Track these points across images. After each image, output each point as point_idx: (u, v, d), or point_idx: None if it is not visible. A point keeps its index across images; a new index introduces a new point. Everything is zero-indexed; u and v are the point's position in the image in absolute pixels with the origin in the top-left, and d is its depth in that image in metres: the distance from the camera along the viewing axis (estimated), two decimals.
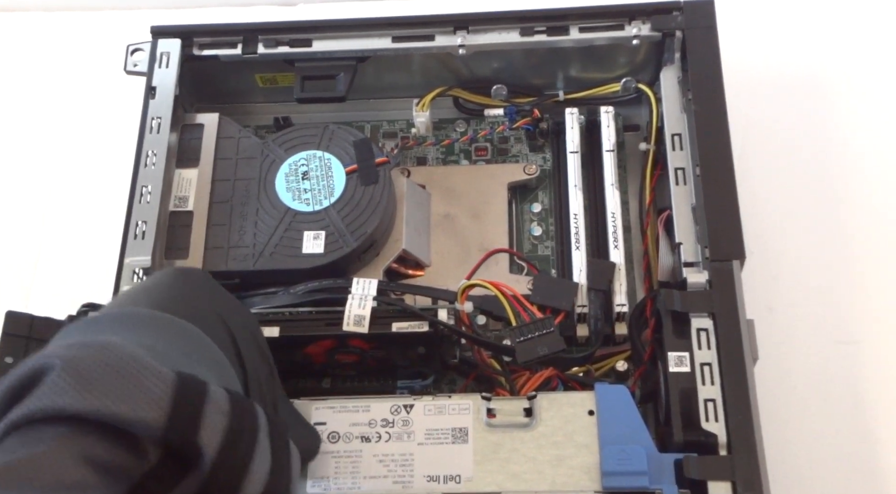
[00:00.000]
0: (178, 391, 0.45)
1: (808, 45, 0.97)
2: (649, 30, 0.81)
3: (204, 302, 0.56)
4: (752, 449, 0.62)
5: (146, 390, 0.44)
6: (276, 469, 0.49)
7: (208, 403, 0.46)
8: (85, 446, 0.43)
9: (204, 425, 0.45)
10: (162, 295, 0.54)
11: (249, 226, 0.77)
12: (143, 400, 0.44)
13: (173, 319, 0.52)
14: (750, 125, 0.90)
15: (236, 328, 0.56)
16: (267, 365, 0.58)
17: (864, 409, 0.79)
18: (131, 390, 0.44)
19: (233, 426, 0.46)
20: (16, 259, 0.94)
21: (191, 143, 0.81)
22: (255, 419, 0.49)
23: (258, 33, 0.84)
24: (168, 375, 0.45)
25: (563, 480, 0.62)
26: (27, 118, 1.02)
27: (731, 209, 0.71)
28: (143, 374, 0.45)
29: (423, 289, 0.76)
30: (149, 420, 0.44)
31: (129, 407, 0.43)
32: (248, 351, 0.56)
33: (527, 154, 0.87)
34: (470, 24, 0.82)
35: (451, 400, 0.66)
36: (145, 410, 0.44)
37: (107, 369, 0.44)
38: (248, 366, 0.55)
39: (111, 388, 0.44)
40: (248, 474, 0.47)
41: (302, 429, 0.64)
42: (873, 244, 0.86)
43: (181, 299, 0.54)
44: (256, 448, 0.48)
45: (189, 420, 0.45)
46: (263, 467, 0.48)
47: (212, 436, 0.45)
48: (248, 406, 0.49)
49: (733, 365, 0.65)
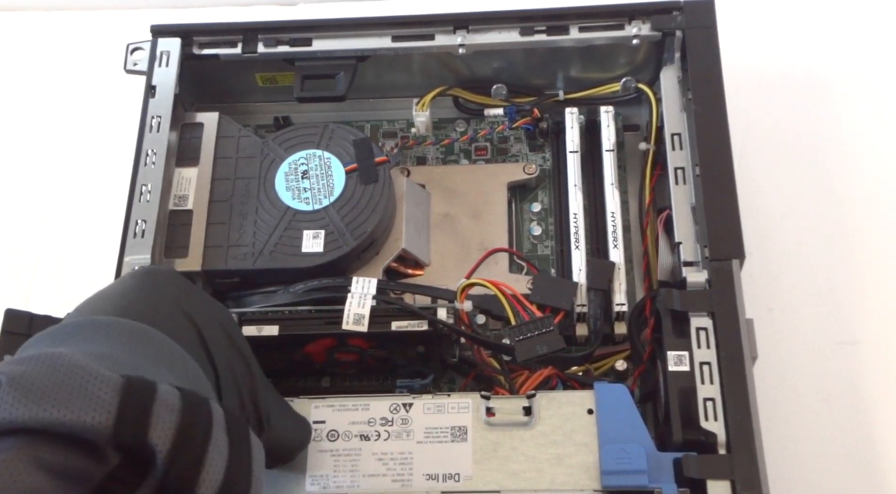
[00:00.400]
0: (124, 393, 0.45)
1: (808, 45, 0.97)
2: (649, 29, 0.81)
3: (168, 304, 0.56)
4: (751, 448, 0.62)
5: (92, 396, 0.45)
6: (233, 463, 0.49)
7: (157, 402, 0.46)
8: (39, 454, 0.44)
9: (153, 424, 0.46)
10: (125, 299, 0.55)
11: (249, 225, 0.77)
12: (89, 406, 0.44)
13: (133, 325, 0.52)
14: (750, 125, 0.90)
15: (206, 326, 0.56)
16: (243, 360, 0.58)
17: (864, 409, 0.79)
18: (77, 397, 0.44)
19: (184, 422, 0.47)
20: (16, 258, 0.94)
21: (190, 142, 0.81)
22: (208, 414, 0.49)
23: (258, 32, 0.83)
24: (114, 379, 0.46)
25: (563, 479, 0.62)
26: (27, 117, 1.02)
27: (730, 208, 0.71)
28: (88, 381, 0.45)
29: (422, 288, 0.76)
30: (96, 425, 0.44)
31: (76, 415, 0.44)
32: (219, 347, 0.56)
33: (526, 153, 0.87)
34: (470, 24, 0.82)
35: (451, 399, 0.66)
36: (92, 415, 0.44)
37: (52, 380, 0.45)
38: (218, 364, 0.56)
39: (57, 398, 0.44)
40: (203, 469, 0.47)
41: (290, 421, 0.64)
42: (874, 244, 0.86)
43: (144, 302, 0.55)
44: (211, 443, 0.48)
45: (137, 420, 0.45)
46: (220, 461, 0.48)
47: (162, 434, 0.46)
48: (200, 401, 0.49)
49: (732, 364, 0.65)
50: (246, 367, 0.58)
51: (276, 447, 0.61)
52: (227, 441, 0.49)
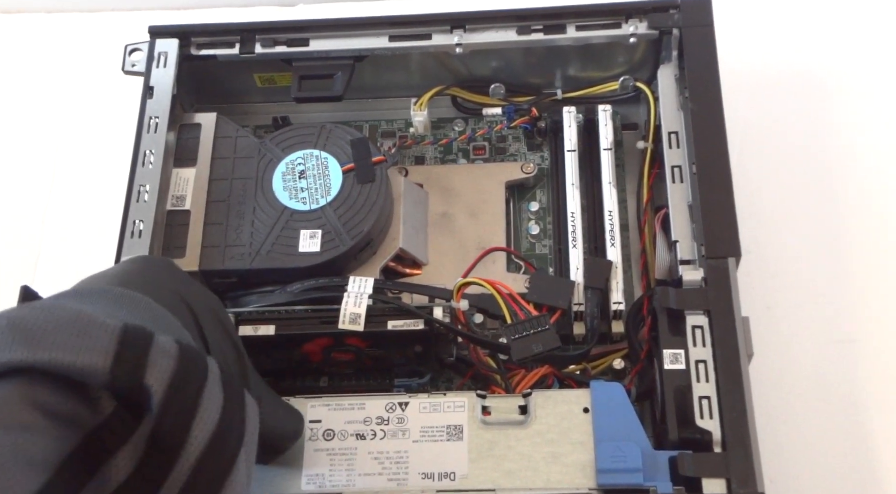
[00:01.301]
0: (122, 338, 0.46)
1: (805, 43, 0.97)
2: (646, 28, 0.81)
3: (166, 286, 0.57)
4: (746, 447, 0.61)
5: (90, 339, 0.46)
6: (226, 415, 0.49)
7: (154, 348, 0.47)
8: (35, 394, 0.45)
9: (150, 368, 0.47)
10: (124, 279, 0.55)
11: (246, 225, 0.77)
12: (89, 348, 0.45)
13: (135, 295, 0.53)
14: (748, 123, 0.90)
15: (200, 311, 0.57)
16: (234, 347, 0.59)
17: (861, 408, 0.79)
18: (76, 340, 0.45)
19: (180, 368, 0.48)
20: (16, 258, 0.94)
21: (188, 143, 0.81)
22: (204, 365, 0.50)
23: (255, 33, 0.84)
24: (112, 324, 0.47)
25: (558, 477, 0.62)
26: (26, 118, 1.02)
27: (726, 207, 0.71)
28: (87, 325, 0.46)
29: (419, 288, 0.76)
30: (95, 366, 0.45)
31: (75, 356, 0.45)
32: (212, 333, 0.57)
33: (525, 153, 0.87)
34: (467, 23, 0.82)
35: (446, 398, 0.66)
36: (91, 357, 0.45)
37: (52, 323, 0.46)
38: (212, 348, 0.56)
39: (56, 340, 0.45)
40: (196, 415, 0.48)
41: (282, 411, 0.64)
42: (871, 243, 0.86)
43: (144, 283, 0.55)
44: (205, 392, 0.49)
45: (135, 363, 0.46)
46: (213, 411, 0.48)
47: (158, 378, 0.47)
48: (196, 352, 0.50)
49: (728, 362, 0.65)
50: (237, 354, 0.59)
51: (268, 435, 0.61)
52: (222, 395, 0.50)
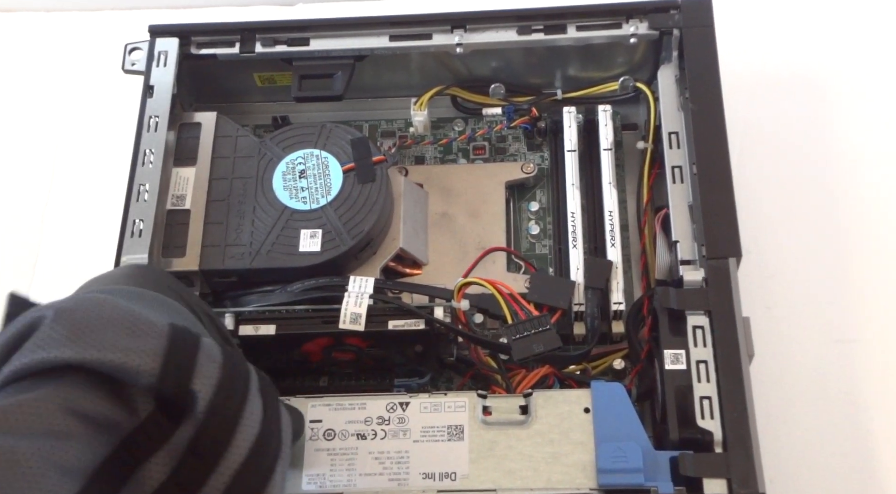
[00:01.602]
0: (171, 340, 0.46)
1: (806, 44, 0.97)
2: (647, 28, 0.81)
3: (167, 289, 0.57)
4: (747, 447, 0.62)
5: (140, 339, 0.45)
6: (266, 423, 0.49)
7: (202, 352, 0.47)
8: (73, 397, 0.44)
9: (197, 372, 0.46)
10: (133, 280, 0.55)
11: (246, 225, 0.77)
12: (138, 349, 0.45)
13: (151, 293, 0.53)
14: (748, 124, 0.90)
15: (200, 314, 0.57)
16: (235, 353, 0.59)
17: (861, 407, 0.79)
18: (125, 339, 0.45)
19: (225, 375, 0.47)
20: (15, 258, 0.94)
21: (188, 142, 0.81)
22: (247, 372, 0.50)
23: (256, 32, 0.84)
24: (162, 325, 0.46)
25: (559, 477, 0.62)
26: (26, 117, 1.02)
27: (727, 207, 0.71)
28: (136, 324, 0.46)
29: (419, 288, 0.76)
30: (144, 368, 0.45)
31: (124, 356, 0.44)
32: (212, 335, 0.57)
33: (525, 153, 0.87)
34: (467, 23, 0.82)
35: (447, 398, 0.66)
36: (140, 358, 0.45)
37: (100, 319, 0.45)
38: None
39: (105, 337, 0.45)
40: (240, 423, 0.47)
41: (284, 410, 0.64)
42: (871, 243, 0.86)
43: (150, 284, 0.55)
44: (248, 400, 0.48)
45: (183, 368, 0.46)
46: (255, 419, 0.48)
47: (205, 383, 0.46)
48: (239, 359, 0.50)
49: (729, 362, 0.65)
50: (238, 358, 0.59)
51: None
52: (261, 403, 0.50)
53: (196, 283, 0.76)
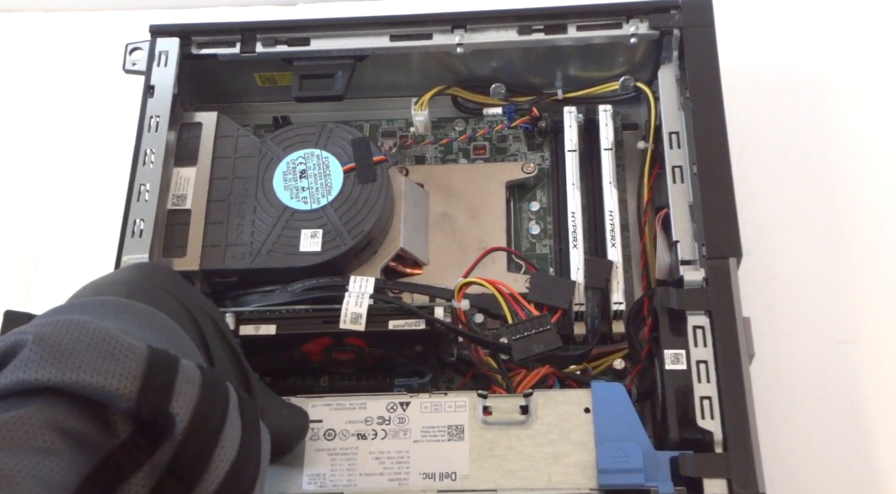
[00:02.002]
0: (150, 363, 0.46)
1: (806, 44, 0.97)
2: (647, 28, 0.81)
3: (167, 293, 0.57)
4: (747, 447, 0.62)
5: (118, 362, 0.46)
6: (245, 444, 0.50)
7: (180, 374, 0.47)
8: (55, 416, 0.44)
9: (176, 395, 0.47)
10: (127, 287, 0.55)
11: (247, 225, 0.77)
12: (116, 372, 0.45)
13: (141, 307, 0.53)
14: (749, 123, 0.90)
15: (199, 317, 0.57)
16: (232, 353, 0.59)
17: (862, 408, 0.79)
18: (103, 362, 0.45)
19: (204, 396, 0.48)
20: (16, 258, 0.94)
21: (189, 142, 0.81)
22: (225, 393, 0.50)
23: (256, 32, 0.84)
24: (140, 348, 0.47)
25: (559, 477, 0.62)
26: (27, 117, 1.02)
27: (727, 207, 0.71)
28: (115, 348, 0.46)
29: (420, 287, 0.76)
30: (122, 391, 0.45)
31: (102, 379, 0.45)
32: (213, 339, 0.57)
33: (525, 152, 0.87)
34: (468, 23, 0.82)
35: (448, 398, 0.66)
36: (118, 381, 0.45)
37: (79, 342, 0.45)
38: (214, 356, 0.56)
39: (84, 360, 0.45)
40: (217, 445, 0.48)
41: (287, 412, 0.64)
42: (872, 244, 0.86)
43: (146, 290, 0.55)
44: (227, 421, 0.49)
45: (161, 390, 0.46)
46: (233, 440, 0.49)
47: (184, 405, 0.47)
48: (218, 380, 0.50)
49: (729, 362, 0.65)
50: (236, 360, 0.59)
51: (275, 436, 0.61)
52: (240, 422, 0.50)
53: (196, 283, 0.76)
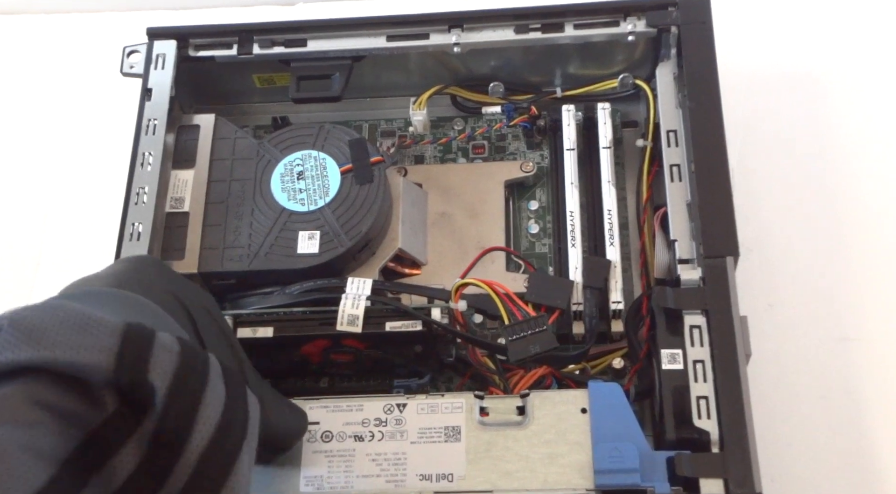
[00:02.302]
0: (125, 335, 0.47)
1: (804, 42, 0.97)
2: (644, 26, 0.80)
3: (160, 286, 0.57)
4: (744, 447, 0.61)
5: (93, 337, 0.46)
6: (229, 409, 0.50)
7: (156, 344, 0.48)
8: (39, 393, 0.45)
9: (153, 364, 0.47)
10: (118, 279, 0.56)
11: (245, 227, 0.77)
12: (91, 346, 0.46)
13: (130, 295, 0.53)
14: (747, 122, 0.89)
15: (193, 309, 0.58)
16: (229, 346, 0.59)
17: (862, 406, 0.78)
18: (79, 338, 0.46)
19: (182, 364, 0.48)
20: (18, 259, 0.95)
21: (187, 144, 0.81)
22: (205, 361, 0.51)
23: (253, 34, 0.83)
24: (114, 322, 0.47)
25: (556, 478, 0.62)
26: (25, 120, 1.03)
27: (724, 206, 0.71)
28: (89, 324, 0.47)
29: (417, 288, 0.75)
30: (98, 364, 0.46)
31: (78, 353, 0.46)
32: (207, 332, 0.57)
33: (524, 151, 0.87)
34: (464, 23, 0.82)
35: (444, 399, 0.66)
36: (94, 355, 0.46)
37: (54, 322, 0.46)
38: (207, 345, 0.57)
39: (59, 339, 0.46)
40: (199, 410, 0.48)
41: (287, 409, 0.64)
42: (872, 241, 0.86)
43: (138, 283, 0.56)
44: (208, 386, 0.49)
45: (137, 360, 0.47)
46: (216, 405, 0.49)
47: (161, 374, 0.47)
48: (197, 349, 0.51)
49: (726, 362, 0.65)
50: (233, 353, 0.59)
51: (273, 433, 0.61)
52: (224, 390, 0.51)
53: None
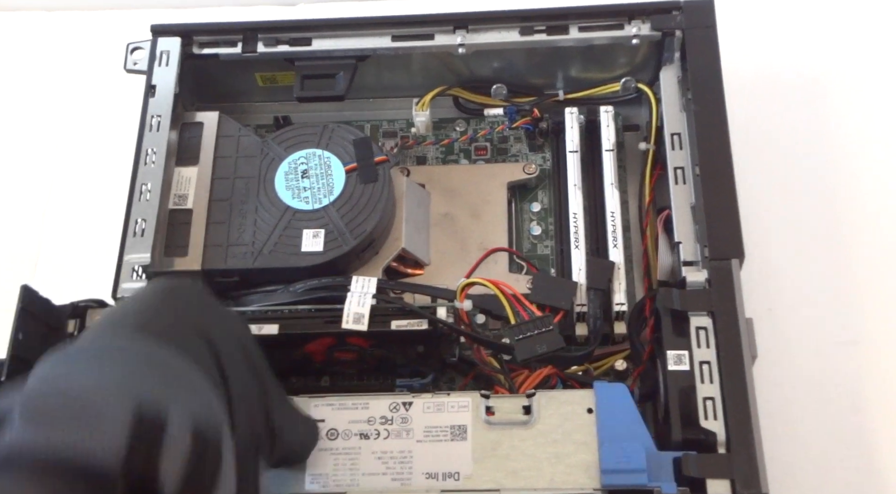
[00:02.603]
0: (134, 429, 0.46)
1: (808, 45, 0.97)
2: (649, 29, 0.81)
3: (187, 323, 0.55)
4: (750, 447, 0.62)
5: (103, 432, 0.46)
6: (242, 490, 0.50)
7: (167, 437, 0.47)
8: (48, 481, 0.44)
9: (163, 459, 0.46)
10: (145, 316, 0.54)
11: (249, 224, 0.77)
12: (101, 441, 0.45)
13: (150, 351, 0.51)
14: (751, 125, 0.89)
15: (223, 344, 0.55)
16: (258, 379, 0.57)
17: (864, 409, 0.79)
18: (88, 432, 0.45)
19: (193, 458, 0.47)
20: (16, 257, 0.94)
21: (190, 142, 0.81)
22: (217, 449, 0.49)
23: (258, 32, 0.84)
24: (125, 414, 0.46)
25: (562, 478, 0.62)
26: (28, 117, 1.02)
27: (730, 208, 0.71)
28: (100, 416, 0.46)
29: (422, 288, 0.76)
30: (107, 461, 0.45)
31: (88, 449, 0.45)
32: (235, 368, 0.55)
33: (526, 153, 0.87)
34: (469, 24, 0.82)
35: (450, 398, 0.66)
36: (103, 451, 0.45)
37: (64, 414, 0.46)
38: (233, 386, 0.55)
39: (67, 432, 0.45)
40: None
41: (301, 426, 0.64)
42: (873, 245, 0.86)
43: (164, 320, 0.54)
44: (219, 480, 0.49)
45: (147, 458, 0.46)
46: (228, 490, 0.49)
47: (172, 469, 0.47)
48: (211, 435, 0.49)
49: (732, 363, 0.65)
50: (261, 386, 0.57)
51: (289, 453, 0.61)
52: (235, 479, 0.50)
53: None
